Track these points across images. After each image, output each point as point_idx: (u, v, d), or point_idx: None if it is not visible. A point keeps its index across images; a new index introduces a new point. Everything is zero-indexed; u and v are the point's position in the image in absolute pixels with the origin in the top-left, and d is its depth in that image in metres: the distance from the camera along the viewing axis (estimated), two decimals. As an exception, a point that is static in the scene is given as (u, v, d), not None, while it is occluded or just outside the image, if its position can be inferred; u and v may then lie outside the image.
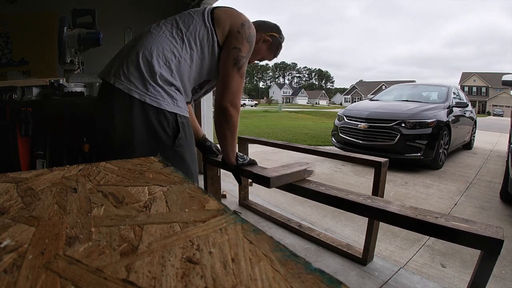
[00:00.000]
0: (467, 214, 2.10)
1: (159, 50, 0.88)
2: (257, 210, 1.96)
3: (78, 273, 0.24)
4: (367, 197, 0.93)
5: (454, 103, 3.96)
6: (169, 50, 0.89)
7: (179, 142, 0.92)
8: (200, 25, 0.92)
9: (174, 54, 0.89)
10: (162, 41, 0.89)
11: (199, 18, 0.94)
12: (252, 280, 0.23)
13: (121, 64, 0.88)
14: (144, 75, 0.85)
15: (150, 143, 0.88)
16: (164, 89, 0.87)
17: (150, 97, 0.86)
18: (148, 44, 0.88)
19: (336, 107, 38.79)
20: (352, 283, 1.23)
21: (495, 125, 12.12)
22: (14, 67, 1.95)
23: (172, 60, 0.89)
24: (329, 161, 3.58)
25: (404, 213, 0.79)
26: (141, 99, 0.85)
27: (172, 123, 0.90)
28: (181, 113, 0.92)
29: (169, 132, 0.90)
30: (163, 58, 0.88)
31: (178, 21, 0.94)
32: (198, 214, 0.36)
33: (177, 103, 0.91)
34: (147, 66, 0.86)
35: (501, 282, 1.29)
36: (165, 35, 0.90)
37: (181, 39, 0.91)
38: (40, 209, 0.37)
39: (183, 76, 0.92)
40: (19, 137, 1.44)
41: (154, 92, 0.86)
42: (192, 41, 0.91)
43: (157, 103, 0.86)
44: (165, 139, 0.90)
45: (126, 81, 0.85)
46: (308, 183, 1.08)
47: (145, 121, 0.86)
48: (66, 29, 1.56)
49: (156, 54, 0.87)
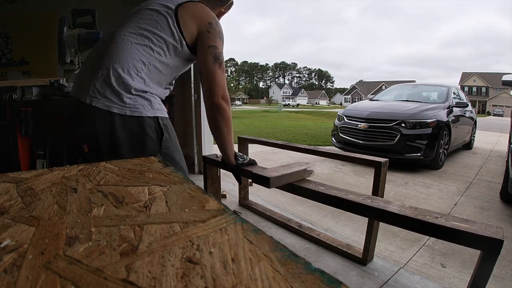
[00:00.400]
0: (467, 214, 2.10)
1: (128, 61, 0.87)
2: (257, 210, 1.96)
3: (78, 273, 0.24)
4: (367, 197, 0.93)
5: (454, 103, 3.96)
6: (138, 59, 0.88)
7: (165, 144, 0.93)
8: (166, 30, 0.91)
9: (144, 63, 0.89)
10: (130, 51, 0.88)
11: (163, 22, 0.91)
12: (252, 280, 0.23)
13: (92, 82, 0.87)
14: (118, 90, 0.86)
15: (139, 153, 0.86)
16: (140, 96, 0.89)
17: (130, 108, 0.87)
18: (116, 57, 0.87)
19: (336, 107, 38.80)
20: (352, 283, 1.23)
21: (495, 125, 12.12)
22: (14, 67, 1.96)
23: (142, 69, 0.89)
24: (329, 161, 3.58)
25: (404, 213, 0.79)
26: (121, 113, 0.86)
27: (155, 127, 0.91)
28: (161, 115, 0.93)
29: (154, 137, 0.91)
30: (134, 69, 0.88)
31: (141, 26, 0.91)
32: (198, 214, 0.36)
33: (156, 106, 0.92)
34: (120, 80, 0.86)
35: (501, 282, 1.29)
36: (131, 43, 0.89)
37: (149, 47, 0.90)
38: (40, 209, 0.37)
39: (155, 81, 0.93)
40: (19, 137, 1.45)
41: (132, 102, 0.87)
42: (160, 46, 0.91)
43: (138, 112, 0.88)
44: (152, 145, 0.91)
45: (103, 99, 0.85)
46: (307, 183, 1.08)
47: (129, 133, 0.87)
48: (66, 29, 1.56)
49: (126, 66, 0.87)
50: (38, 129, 1.48)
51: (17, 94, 1.48)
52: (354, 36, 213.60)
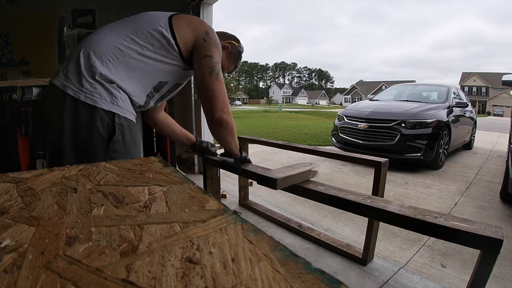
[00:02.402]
0: (467, 214, 2.10)
1: (102, 46, 0.82)
2: (257, 210, 1.96)
3: (78, 273, 0.24)
4: (366, 197, 0.93)
5: (454, 103, 3.96)
6: (114, 46, 0.82)
7: (114, 146, 0.83)
8: (155, 28, 0.87)
9: (120, 50, 0.82)
10: (108, 38, 0.84)
11: (154, 21, 0.88)
12: (252, 280, 0.23)
13: (64, 62, 0.84)
14: (81, 70, 0.79)
15: (80, 145, 0.81)
16: (102, 85, 0.80)
17: (85, 93, 0.79)
18: (91, 41, 0.83)
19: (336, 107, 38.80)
20: (352, 283, 1.23)
21: (495, 125, 12.12)
22: (14, 67, 1.96)
23: (116, 56, 0.82)
24: (329, 161, 3.58)
25: (404, 213, 0.79)
26: (75, 96, 0.78)
27: (108, 124, 0.81)
28: (121, 114, 0.84)
29: (103, 134, 0.81)
30: (107, 54, 0.81)
31: (128, 23, 0.88)
32: (198, 214, 0.36)
33: (117, 102, 0.83)
34: (86, 62, 0.80)
35: (501, 282, 1.29)
36: (112, 32, 0.85)
37: (131, 38, 0.84)
38: (40, 209, 0.37)
39: (128, 74, 0.84)
40: (19, 137, 1.44)
41: (90, 88, 0.79)
42: (145, 40, 0.85)
43: (92, 100, 0.79)
44: (98, 141, 0.81)
45: (63, 77, 0.80)
46: (308, 183, 1.08)
47: (76, 120, 0.79)
48: (66, 29, 1.56)
49: (99, 50, 0.81)
50: (38, 129, 1.48)
51: (17, 94, 1.48)
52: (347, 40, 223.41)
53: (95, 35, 0.86)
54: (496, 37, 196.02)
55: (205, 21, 0.97)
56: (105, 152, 0.82)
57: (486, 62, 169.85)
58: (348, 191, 0.99)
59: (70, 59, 0.83)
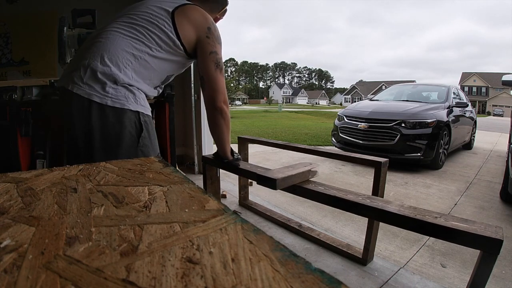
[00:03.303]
0: (467, 214, 2.10)
1: (117, 52, 0.86)
2: (257, 210, 1.96)
3: (78, 273, 0.24)
4: (366, 197, 0.93)
5: (454, 103, 3.96)
6: (127, 51, 0.87)
7: (142, 142, 0.90)
8: (161, 30, 0.90)
9: (134, 56, 0.87)
10: (119, 43, 0.87)
11: (159, 22, 0.90)
12: (252, 280, 0.23)
13: (78, 69, 0.85)
14: (102, 79, 0.84)
15: (113, 146, 0.85)
16: (124, 89, 0.86)
17: (112, 99, 0.84)
18: (105, 48, 0.86)
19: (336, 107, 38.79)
20: (352, 283, 1.23)
21: (495, 125, 12.12)
22: (14, 67, 1.96)
23: (131, 62, 0.87)
24: (329, 161, 3.58)
25: (403, 213, 0.79)
26: (102, 102, 0.83)
27: (135, 122, 0.88)
28: (144, 112, 0.91)
29: (132, 132, 0.88)
30: (123, 61, 0.86)
31: (133, 22, 0.90)
32: (198, 214, 0.36)
33: (139, 101, 0.90)
34: (106, 70, 0.84)
35: (501, 282, 1.29)
36: (121, 35, 0.88)
37: (141, 40, 0.89)
38: (40, 209, 0.37)
39: (144, 76, 0.91)
40: (19, 137, 1.44)
41: (115, 93, 0.84)
42: (153, 42, 0.89)
43: (119, 103, 0.85)
44: (129, 139, 0.88)
45: (85, 86, 0.83)
46: (307, 183, 1.08)
47: (106, 124, 0.84)
48: (66, 29, 1.56)
49: (115, 57, 0.85)
50: (38, 129, 1.48)
51: (17, 94, 1.48)
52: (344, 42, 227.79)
53: (104, 42, 0.87)
54: (490, 38, 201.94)
55: (206, 14, 0.97)
56: (136, 148, 0.89)
57: (482, 63, 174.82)
58: (347, 191, 0.99)
59: (84, 66, 0.85)
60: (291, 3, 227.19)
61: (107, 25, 0.92)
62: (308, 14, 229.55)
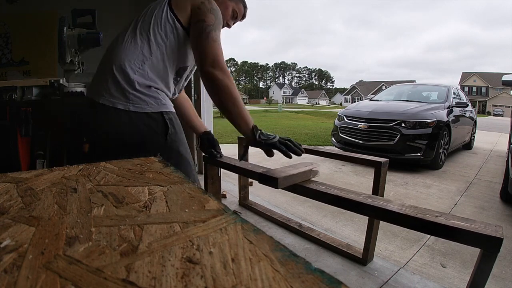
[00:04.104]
0: (467, 214, 2.10)
1: (129, 57, 0.90)
2: (257, 210, 1.96)
3: (78, 273, 0.24)
4: (367, 196, 0.93)
5: (454, 103, 3.96)
6: (138, 54, 0.90)
7: (171, 138, 0.94)
8: (160, 17, 0.92)
9: (145, 56, 0.90)
10: (130, 47, 0.91)
11: (158, 11, 0.93)
12: (252, 280, 0.23)
13: (101, 80, 0.91)
14: (122, 86, 0.88)
15: (144, 149, 0.89)
16: (144, 94, 0.90)
17: (134, 104, 0.88)
18: (118, 55, 0.90)
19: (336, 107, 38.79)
20: (352, 283, 1.23)
21: (495, 125, 12.12)
22: (14, 67, 1.95)
23: (144, 62, 0.90)
24: (329, 161, 3.58)
25: (404, 211, 0.79)
26: (126, 109, 0.88)
27: (160, 123, 0.92)
28: (167, 110, 0.94)
29: (159, 132, 0.92)
30: (135, 63, 0.89)
31: (138, 21, 0.94)
32: (198, 214, 0.36)
33: (160, 101, 0.93)
34: (122, 77, 0.88)
35: (501, 282, 1.29)
36: (131, 40, 0.92)
37: (147, 39, 0.91)
38: (40, 209, 0.37)
39: (159, 74, 0.93)
40: (19, 137, 1.44)
41: (136, 99, 0.89)
42: (158, 37, 0.92)
43: (141, 108, 0.89)
44: (157, 139, 0.92)
45: (109, 96, 0.88)
46: (308, 182, 1.08)
47: (134, 129, 0.89)
48: (66, 29, 1.56)
49: (128, 62, 0.89)
50: (38, 129, 1.48)
51: (17, 94, 1.48)
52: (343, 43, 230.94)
53: (119, 47, 0.92)
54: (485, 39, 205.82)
55: None
56: (165, 146, 0.92)
57: (479, 63, 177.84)
58: (348, 190, 0.99)
59: (105, 77, 0.90)
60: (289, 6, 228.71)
61: (124, 30, 0.96)
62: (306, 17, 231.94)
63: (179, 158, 0.96)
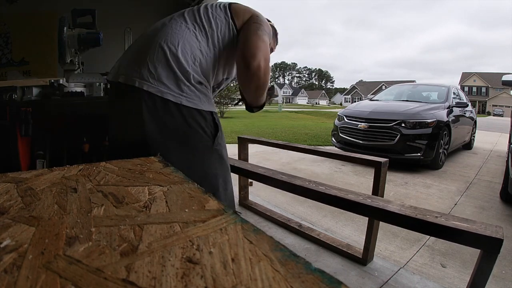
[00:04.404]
0: (467, 214, 2.10)
1: (186, 46, 0.81)
2: (257, 210, 1.96)
3: (78, 273, 0.24)
4: (367, 196, 0.93)
5: (454, 103, 3.96)
6: (196, 47, 0.82)
7: (218, 141, 0.86)
8: (221, 21, 0.87)
9: (202, 52, 0.83)
10: (187, 37, 0.83)
11: (218, 14, 0.89)
12: (252, 280, 0.23)
13: (145, 64, 0.79)
14: (176, 75, 0.78)
15: (190, 146, 0.83)
16: (197, 88, 0.82)
17: (187, 98, 0.79)
18: (173, 39, 0.81)
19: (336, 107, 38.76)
20: (352, 283, 1.23)
21: (495, 125, 12.12)
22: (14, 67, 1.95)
23: (200, 58, 0.83)
24: (329, 161, 3.58)
25: (404, 212, 0.79)
26: (177, 101, 0.78)
27: (210, 123, 0.84)
28: (215, 111, 0.88)
29: (208, 132, 0.84)
30: (192, 56, 0.81)
31: (196, 16, 0.88)
32: (198, 214, 0.36)
33: (210, 100, 0.86)
34: (177, 65, 0.79)
35: (501, 282, 1.29)
36: (189, 30, 0.84)
37: (205, 36, 0.84)
38: (40, 209, 0.37)
39: (208, 75, 0.86)
40: (19, 137, 1.44)
41: (190, 92, 0.80)
42: (216, 39, 0.86)
43: (193, 103, 0.80)
44: (205, 139, 0.84)
45: (157, 83, 0.77)
46: (308, 182, 1.08)
47: (182, 124, 0.80)
48: (66, 29, 1.56)
49: (184, 51, 0.80)
50: (38, 129, 1.48)
51: (17, 94, 1.48)
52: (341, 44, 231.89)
53: (171, 32, 0.83)
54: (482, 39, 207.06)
55: None
56: (211, 148, 0.85)
57: (477, 63, 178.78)
58: (348, 190, 0.99)
59: (152, 60, 0.79)
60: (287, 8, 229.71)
61: (169, 19, 0.88)
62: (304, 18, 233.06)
63: (221, 162, 0.89)
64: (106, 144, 1.57)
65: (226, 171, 0.91)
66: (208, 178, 0.85)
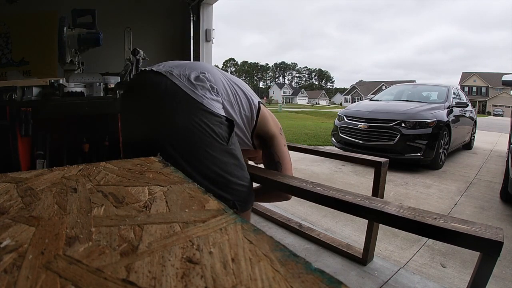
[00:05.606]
0: (467, 214, 2.10)
1: (219, 84, 0.98)
2: (257, 210, 1.95)
3: (78, 273, 0.24)
4: (365, 197, 0.92)
5: (454, 103, 3.96)
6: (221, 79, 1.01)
7: (231, 141, 0.96)
8: (246, 106, 1.04)
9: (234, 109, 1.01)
10: (221, 77, 1.01)
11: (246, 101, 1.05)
12: (252, 280, 0.23)
13: (183, 70, 0.95)
14: (202, 83, 0.93)
15: (207, 146, 0.91)
16: (217, 97, 0.96)
17: (208, 101, 0.92)
18: (212, 74, 0.99)
19: (336, 107, 38.76)
20: (352, 283, 1.23)
21: (495, 125, 12.12)
22: (14, 67, 1.95)
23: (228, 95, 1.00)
24: (329, 161, 3.58)
25: (402, 214, 0.79)
26: (198, 100, 0.90)
27: (225, 124, 0.95)
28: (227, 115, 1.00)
29: (223, 134, 0.95)
30: (217, 84, 0.97)
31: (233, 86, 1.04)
32: (198, 214, 0.36)
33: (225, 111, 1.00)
34: (205, 79, 0.94)
35: (501, 282, 1.29)
36: (224, 76, 1.03)
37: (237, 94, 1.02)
38: (40, 209, 0.37)
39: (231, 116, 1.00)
40: (19, 137, 1.44)
41: (210, 96, 0.93)
42: (243, 103, 1.03)
43: (213, 107, 0.92)
44: (222, 140, 0.94)
45: (187, 82, 0.91)
46: (305, 183, 1.08)
47: (205, 122, 0.90)
48: (66, 29, 1.56)
49: (213, 77, 0.97)
50: (38, 129, 1.48)
51: (17, 94, 1.48)
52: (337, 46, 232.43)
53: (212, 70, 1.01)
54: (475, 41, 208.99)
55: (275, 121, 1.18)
56: (226, 148, 0.95)
57: (472, 64, 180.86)
58: (346, 191, 0.99)
59: (190, 70, 0.96)
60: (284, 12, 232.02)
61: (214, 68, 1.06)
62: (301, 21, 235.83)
63: (236, 162, 0.97)
64: (106, 144, 1.57)
65: (243, 169, 1.03)
66: None
